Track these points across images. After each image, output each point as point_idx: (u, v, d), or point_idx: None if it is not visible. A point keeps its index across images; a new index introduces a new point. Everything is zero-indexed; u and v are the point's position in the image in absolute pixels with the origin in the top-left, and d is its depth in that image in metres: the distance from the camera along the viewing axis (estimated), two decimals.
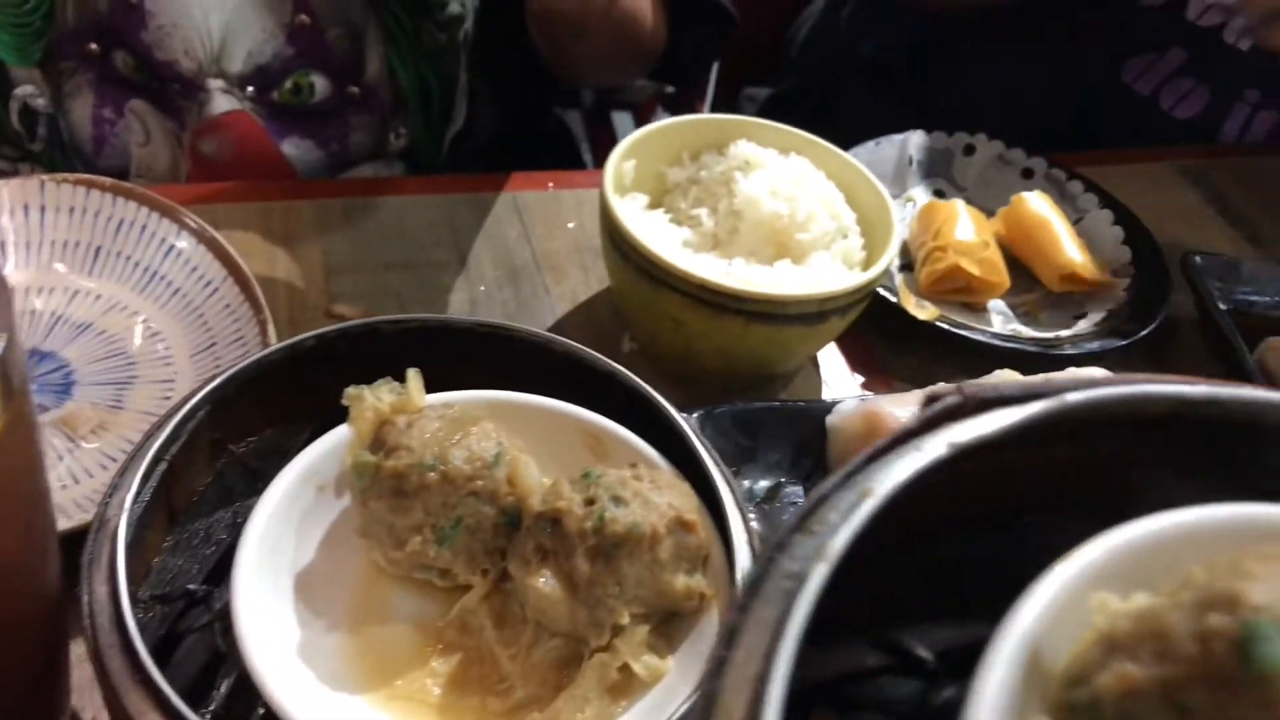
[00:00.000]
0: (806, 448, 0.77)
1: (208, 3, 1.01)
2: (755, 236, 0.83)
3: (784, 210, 0.82)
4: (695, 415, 0.74)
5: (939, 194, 1.07)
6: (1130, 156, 1.21)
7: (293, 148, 1.10)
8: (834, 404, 0.76)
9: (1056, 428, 0.33)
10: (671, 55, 1.35)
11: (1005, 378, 0.79)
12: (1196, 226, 1.14)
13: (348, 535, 0.59)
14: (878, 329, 0.93)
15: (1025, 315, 0.97)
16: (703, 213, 0.86)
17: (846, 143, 0.96)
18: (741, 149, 0.88)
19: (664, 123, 0.90)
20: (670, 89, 2.78)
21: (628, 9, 1.17)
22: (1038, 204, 1.00)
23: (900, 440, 0.32)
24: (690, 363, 0.84)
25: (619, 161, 0.84)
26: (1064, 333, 0.94)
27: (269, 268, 0.86)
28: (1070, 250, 0.96)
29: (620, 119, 2.87)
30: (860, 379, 0.91)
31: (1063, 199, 1.07)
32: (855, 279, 0.78)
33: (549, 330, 0.86)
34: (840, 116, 1.57)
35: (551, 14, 0.96)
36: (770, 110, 1.75)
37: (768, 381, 0.87)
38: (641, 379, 0.85)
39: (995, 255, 0.95)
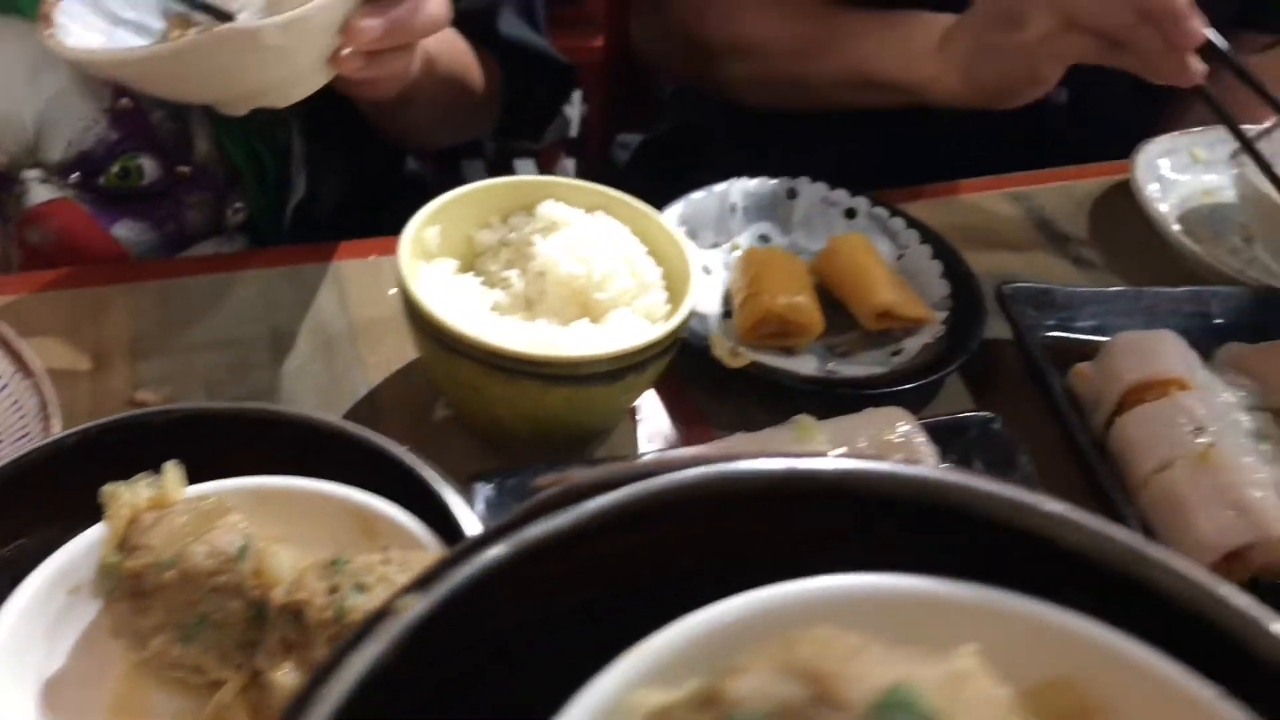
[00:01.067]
0: None
1: (18, 94, 1.01)
2: (558, 297, 0.84)
3: (581, 270, 0.83)
4: (489, 484, 0.75)
5: (764, 239, 1.09)
6: (960, 188, 1.24)
7: (125, 230, 1.10)
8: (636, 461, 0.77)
9: (643, 513, 0.34)
10: (511, 110, 1.37)
11: (802, 423, 0.81)
12: (1023, 253, 1.17)
13: (106, 636, 0.59)
14: (698, 378, 0.95)
15: (843, 355, 0.99)
16: (513, 274, 0.87)
17: None
18: (548, 209, 0.89)
19: (471, 187, 0.91)
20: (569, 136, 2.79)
21: (451, 71, 1.18)
22: (852, 245, 1.02)
23: (481, 541, 0.33)
24: (498, 427, 0.85)
25: (419, 228, 0.85)
26: (878, 370, 0.96)
27: (75, 358, 0.86)
28: (883, 288, 0.98)
29: (523, 165, 2.89)
30: (681, 430, 0.92)
31: (886, 236, 1.09)
32: (647, 335, 0.79)
33: (360, 401, 0.87)
34: (706, 163, 1.59)
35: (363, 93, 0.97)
36: (642, 157, 1.77)
37: (583, 441, 0.88)
38: (455, 446, 0.86)
39: (808, 298, 0.96)
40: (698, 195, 1.08)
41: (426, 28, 0.86)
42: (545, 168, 2.73)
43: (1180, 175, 1.24)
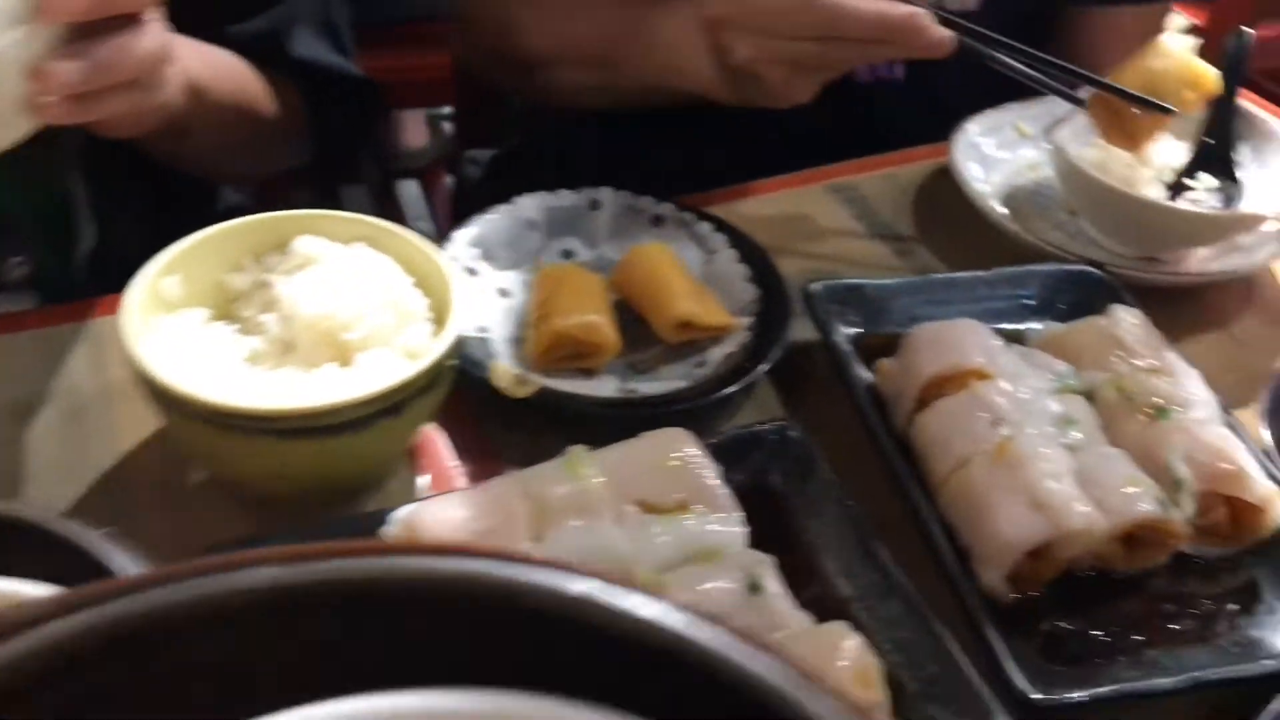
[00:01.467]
0: None
1: None
2: (309, 341, 0.78)
3: (327, 310, 0.77)
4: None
5: (568, 254, 1.04)
6: (782, 184, 1.20)
7: None
8: (386, 516, 0.72)
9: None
10: (320, 136, 1.31)
11: (573, 456, 0.75)
12: (846, 248, 1.13)
13: None
14: (492, 408, 0.89)
15: (645, 372, 0.93)
16: (270, 319, 0.81)
17: None
18: (302, 246, 0.83)
19: (217, 228, 0.84)
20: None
21: (233, 100, 1.12)
22: (649, 255, 0.97)
23: None
24: (252, 488, 0.78)
25: (152, 280, 0.79)
26: (680, 384, 0.91)
27: None
28: (681, 298, 0.93)
29: (406, 187, 2.81)
30: (470, 466, 0.86)
31: (693, 242, 1.04)
32: (395, 376, 0.74)
33: (109, 471, 0.80)
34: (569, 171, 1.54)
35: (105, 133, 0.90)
36: (495, 171, 1.71)
37: (353, 492, 0.82)
38: (214, 510, 0.79)
39: (603, 316, 0.91)
40: (491, 215, 1.02)
41: (142, 65, 0.79)
42: (429, 188, 2.67)
43: (1004, 152, 1.21)
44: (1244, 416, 0.93)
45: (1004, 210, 1.13)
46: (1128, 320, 0.92)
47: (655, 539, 0.73)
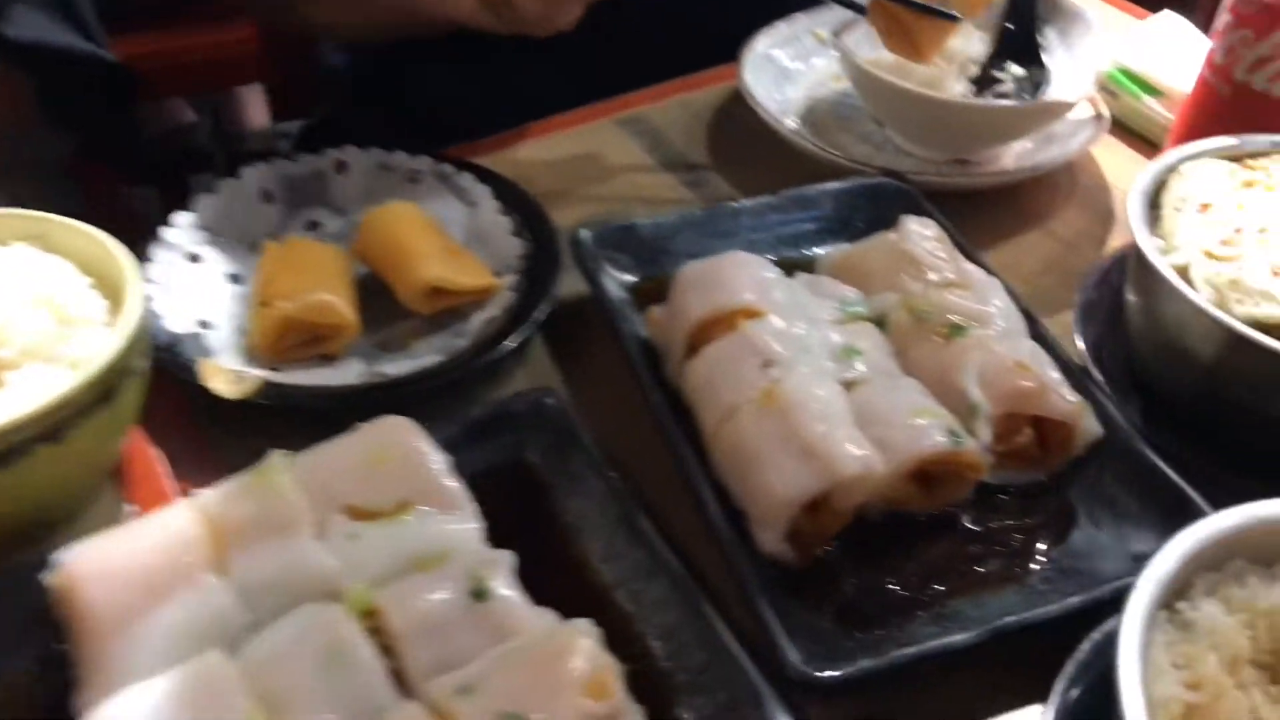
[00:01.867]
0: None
1: None
2: None
3: None
4: None
5: (314, 226, 0.92)
6: (561, 123, 1.09)
7: None
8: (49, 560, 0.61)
9: None
10: (66, 126, 1.17)
11: (267, 467, 0.65)
12: (637, 185, 1.03)
13: None
14: (216, 414, 0.78)
15: (395, 350, 0.83)
16: None
17: None
18: None
19: None
20: None
21: None
22: (389, 217, 0.86)
23: None
24: None
25: None
26: (435, 360, 0.80)
27: None
28: (425, 262, 0.82)
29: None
30: (190, 479, 0.75)
31: (454, 196, 0.94)
32: (46, 395, 0.62)
33: None
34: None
35: None
36: (304, 145, 1.59)
37: (43, 528, 0.70)
38: None
39: (332, 293, 0.80)
40: (215, 192, 0.90)
41: None
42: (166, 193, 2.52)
43: (801, 64, 1.11)
44: (1062, 322, 0.85)
45: (796, 126, 1.04)
46: (919, 232, 0.83)
47: (368, 549, 0.63)
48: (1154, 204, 0.80)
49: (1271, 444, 0.72)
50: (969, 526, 0.72)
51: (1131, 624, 0.53)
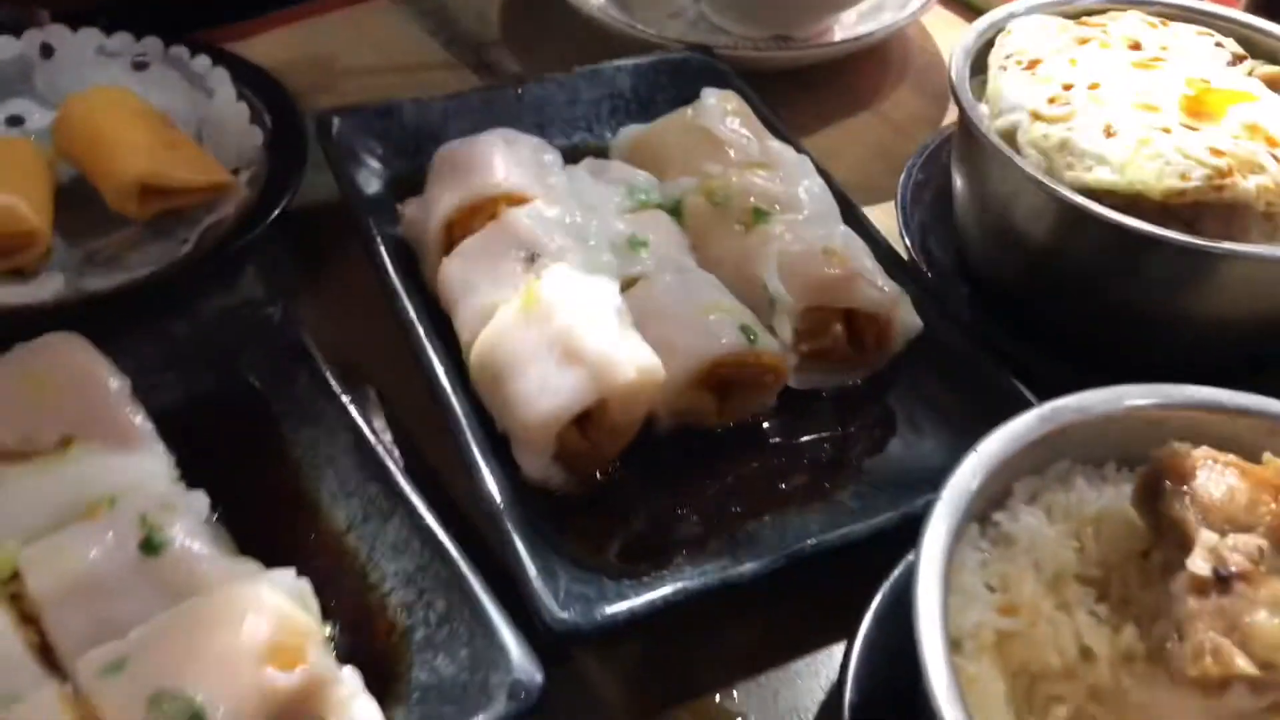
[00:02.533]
0: None
1: None
2: None
3: None
4: None
5: (16, 121, 0.77)
6: (333, 3, 0.95)
7: None
8: None
9: None
10: None
11: None
12: (416, 71, 0.89)
13: None
14: None
15: (105, 262, 0.69)
16: None
17: None
18: None
19: None
20: None
21: None
22: (93, 104, 0.71)
23: None
24: None
25: None
26: (147, 271, 0.67)
27: None
28: (133, 155, 0.68)
29: None
30: None
31: (187, 82, 0.79)
32: None
33: None
34: None
35: None
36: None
37: None
38: None
39: (22, 196, 0.66)
40: None
41: None
42: None
43: None
44: (889, 212, 0.76)
45: (600, 0, 0.92)
46: (718, 107, 0.72)
47: (16, 498, 0.50)
48: (981, 68, 0.70)
49: (1109, 332, 0.64)
50: (773, 440, 0.62)
51: (933, 543, 0.44)
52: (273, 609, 0.45)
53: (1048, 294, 0.65)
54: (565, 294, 0.57)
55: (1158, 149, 0.59)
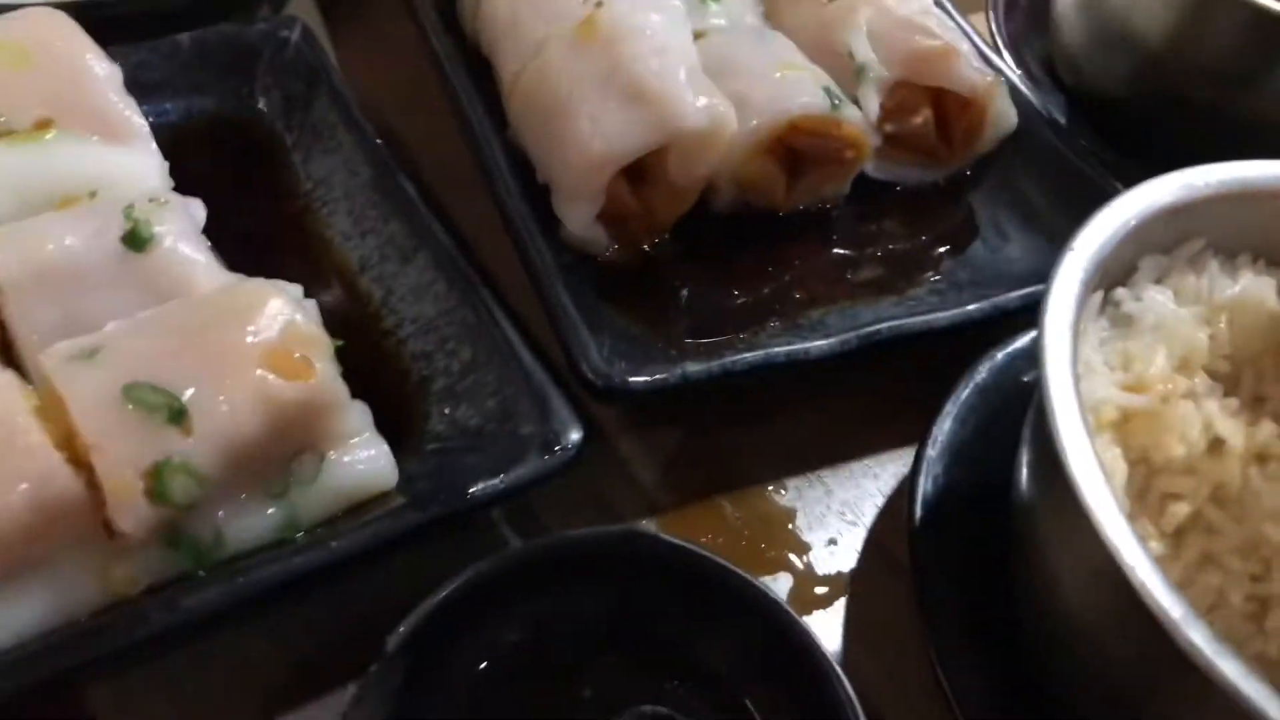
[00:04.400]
0: None
1: None
2: None
3: None
4: None
5: None
6: None
7: None
8: None
9: None
10: None
11: None
12: None
13: None
14: None
15: None
16: None
17: None
18: None
19: None
20: None
21: None
22: None
23: None
24: None
25: None
26: None
27: None
28: None
29: None
30: None
31: None
32: None
33: None
34: None
35: None
36: None
37: None
38: None
39: None
40: None
41: None
42: None
43: None
44: (976, 21, 0.68)
45: None
46: None
47: None
48: None
49: (1231, 153, 0.57)
50: (843, 231, 0.55)
51: (1061, 302, 0.37)
52: (278, 310, 0.38)
53: (1160, 107, 0.58)
54: (631, 24, 0.50)
55: None
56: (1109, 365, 0.40)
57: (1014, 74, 0.62)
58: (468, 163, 0.52)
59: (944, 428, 0.44)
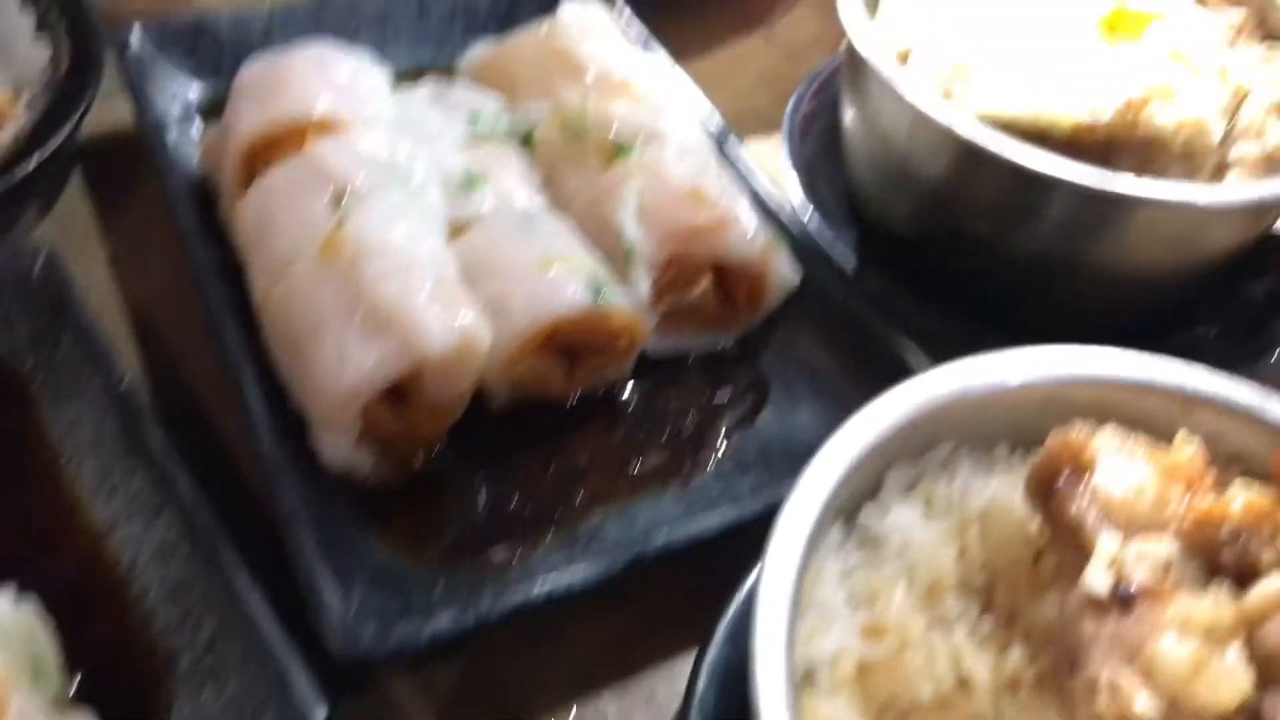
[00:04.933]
0: None
1: None
2: None
3: None
4: None
5: None
6: None
7: None
8: None
9: None
10: None
11: None
12: None
13: None
14: None
15: None
16: None
17: None
18: None
19: None
20: None
21: None
22: None
23: None
24: None
25: None
26: None
27: None
28: None
29: None
30: None
31: None
32: None
33: None
34: None
35: None
36: None
37: None
38: None
39: None
40: None
41: None
42: None
43: None
44: (773, 144, 0.67)
45: None
46: (580, 22, 0.62)
47: None
48: None
49: (1009, 284, 0.57)
50: (629, 413, 0.54)
51: (782, 553, 0.36)
52: None
53: (942, 241, 0.58)
54: (373, 242, 0.48)
55: (1068, 77, 0.51)
56: (852, 602, 0.39)
57: (806, 211, 0.61)
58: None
59: (714, 655, 0.43)
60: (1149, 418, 0.42)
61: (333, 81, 0.55)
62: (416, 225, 0.50)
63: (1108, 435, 0.38)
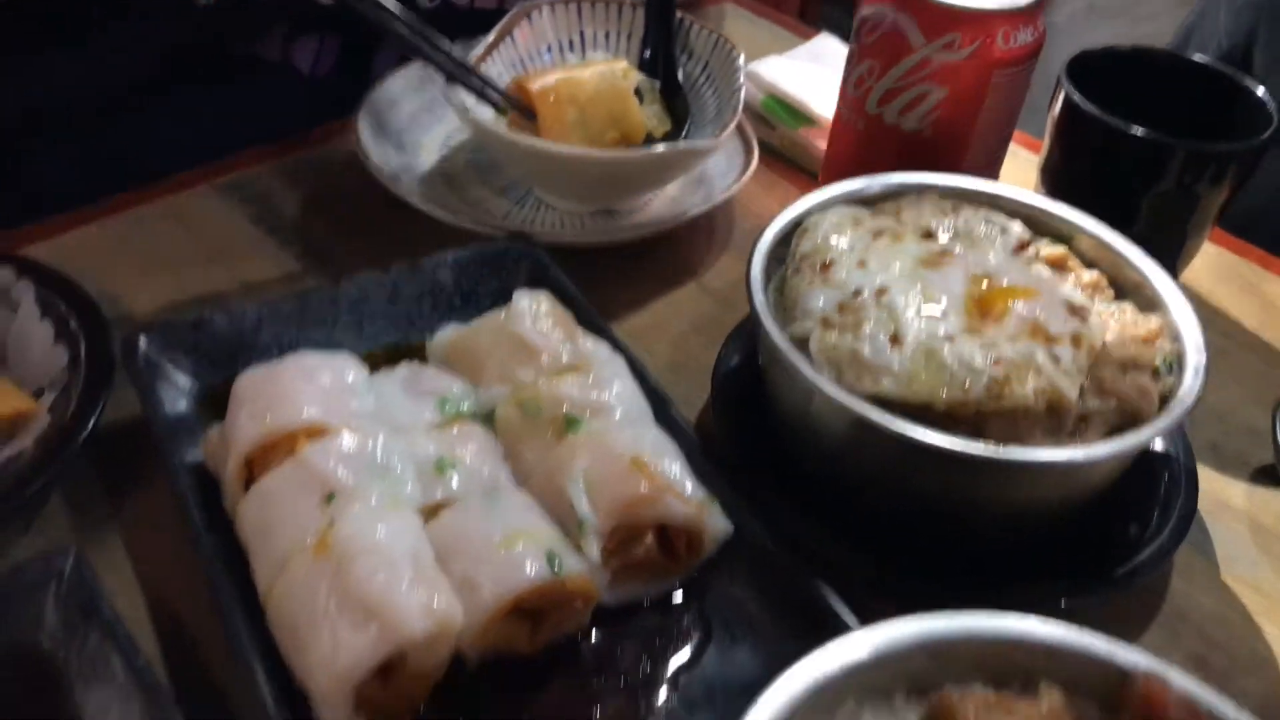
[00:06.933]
0: None
1: None
2: None
3: None
4: None
5: None
6: (147, 195, 0.94)
7: None
8: None
9: None
10: None
11: None
12: (242, 266, 0.88)
13: None
14: None
15: None
16: None
17: None
18: None
19: None
20: None
21: None
22: None
23: None
24: None
25: None
26: None
27: None
28: None
29: None
30: None
31: None
32: None
33: None
34: None
35: None
36: None
37: None
38: None
39: None
40: None
41: None
42: None
43: (435, 110, 1.00)
44: (705, 389, 0.77)
45: (416, 186, 0.91)
46: (530, 309, 0.72)
47: None
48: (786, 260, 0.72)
49: (910, 528, 0.65)
50: (590, 659, 0.62)
51: None
52: None
53: (848, 492, 0.67)
54: (358, 539, 0.57)
55: (940, 359, 0.61)
56: None
57: (730, 453, 0.70)
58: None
59: None
60: (1022, 667, 0.50)
61: (317, 387, 0.64)
62: (397, 520, 0.59)
63: (977, 696, 0.46)
